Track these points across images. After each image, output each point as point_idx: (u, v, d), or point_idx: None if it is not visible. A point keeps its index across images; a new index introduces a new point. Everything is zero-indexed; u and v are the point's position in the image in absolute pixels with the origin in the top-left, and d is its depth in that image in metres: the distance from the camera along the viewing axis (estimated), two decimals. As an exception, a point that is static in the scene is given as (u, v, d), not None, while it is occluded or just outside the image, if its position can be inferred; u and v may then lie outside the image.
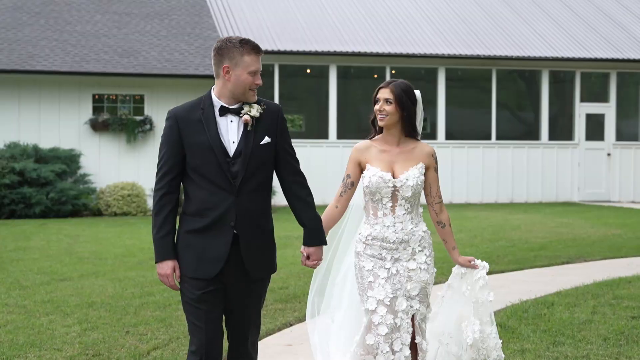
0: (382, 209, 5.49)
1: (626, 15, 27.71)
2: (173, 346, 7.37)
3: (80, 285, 10.32)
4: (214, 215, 4.82)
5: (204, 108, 4.89)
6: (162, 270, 4.88)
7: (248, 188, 4.85)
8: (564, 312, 8.71)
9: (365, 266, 5.50)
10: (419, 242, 5.50)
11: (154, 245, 4.93)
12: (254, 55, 4.88)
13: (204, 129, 4.85)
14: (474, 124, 24.95)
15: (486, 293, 5.58)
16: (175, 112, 4.94)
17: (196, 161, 4.84)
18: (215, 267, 4.83)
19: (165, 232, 4.86)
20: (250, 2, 25.80)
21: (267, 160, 4.92)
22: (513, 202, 24.47)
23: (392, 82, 5.54)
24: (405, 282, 5.45)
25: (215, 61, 4.92)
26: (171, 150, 4.88)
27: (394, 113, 5.47)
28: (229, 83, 4.87)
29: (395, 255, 5.47)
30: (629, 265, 12.18)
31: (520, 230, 16.53)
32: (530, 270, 11.93)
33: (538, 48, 24.88)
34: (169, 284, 4.91)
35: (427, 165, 5.54)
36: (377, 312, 5.40)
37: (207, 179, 4.83)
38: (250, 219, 4.87)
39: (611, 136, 25.22)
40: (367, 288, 5.46)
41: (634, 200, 25.20)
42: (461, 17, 26.34)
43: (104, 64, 21.08)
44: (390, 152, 5.53)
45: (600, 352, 7.17)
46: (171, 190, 4.89)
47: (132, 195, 20.51)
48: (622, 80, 25.56)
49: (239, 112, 4.90)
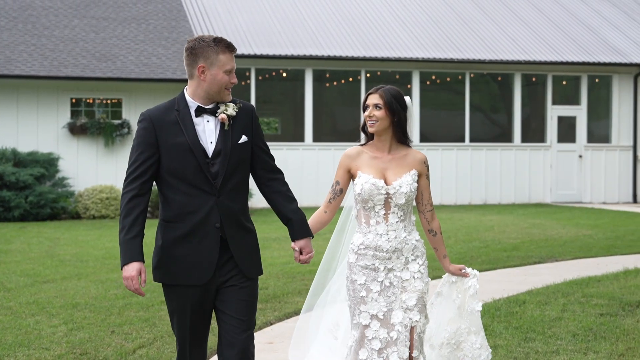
0: (375, 217, 5.34)
1: (596, 18, 28.15)
2: (158, 344, 7.61)
3: (64, 287, 10.51)
4: (196, 218, 4.72)
5: (179, 109, 4.79)
6: (127, 273, 4.66)
7: (228, 188, 4.77)
8: (535, 310, 9.01)
9: (357, 280, 5.35)
10: (412, 251, 5.38)
11: (121, 247, 4.71)
12: (229, 53, 4.82)
13: (182, 130, 4.74)
14: (448, 126, 25.28)
15: (474, 302, 5.50)
16: (149, 114, 4.80)
17: (174, 164, 4.73)
18: (208, 272, 4.75)
19: (134, 234, 4.69)
20: (227, 7, 26.01)
21: (245, 158, 4.85)
22: (486, 203, 24.81)
23: (381, 88, 5.41)
24: (400, 293, 5.32)
25: (188, 61, 4.82)
26: (146, 153, 4.74)
27: (384, 119, 5.33)
28: (204, 83, 4.79)
29: (388, 265, 5.33)
30: (598, 265, 12.52)
31: (493, 231, 16.85)
32: (503, 270, 12.24)
33: (510, 51, 25.25)
34: (133, 288, 4.68)
35: (419, 172, 5.41)
36: (371, 326, 5.27)
37: (186, 181, 4.73)
38: (234, 218, 4.79)
39: (582, 138, 25.62)
40: (359, 302, 5.32)
41: (604, 201, 25.61)
42: (435, 21, 26.67)
43: (82, 68, 21.24)
44: (381, 159, 5.39)
45: (569, 347, 7.47)
46: (142, 192, 4.74)
47: (110, 199, 20.66)
48: (592, 83, 25.98)
49: (214, 111, 4.82)
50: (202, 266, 4.74)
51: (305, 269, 11.67)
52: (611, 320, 8.50)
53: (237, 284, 4.81)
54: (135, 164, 4.74)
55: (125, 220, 4.69)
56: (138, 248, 4.69)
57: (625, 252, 13.97)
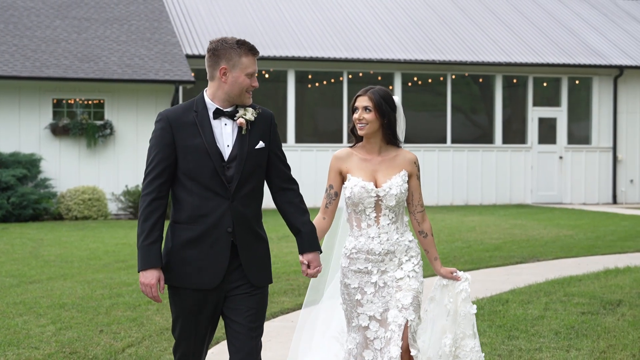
0: (366, 220, 5.28)
1: (577, 21, 28.38)
2: (147, 343, 7.68)
3: (50, 287, 10.55)
4: (209, 221, 4.66)
5: (197, 110, 4.72)
6: (146, 280, 4.64)
7: (242, 193, 4.70)
8: (518, 309, 9.13)
9: (351, 284, 5.30)
10: (406, 252, 5.32)
11: (139, 252, 4.66)
12: (252, 56, 4.75)
13: (199, 132, 4.68)
14: (430, 127, 25.43)
15: (468, 306, 5.42)
16: (167, 114, 4.74)
17: (189, 165, 4.66)
18: (217, 277, 4.68)
19: (153, 239, 4.64)
20: (209, 8, 26.07)
21: (261, 165, 4.78)
22: (468, 204, 24.97)
23: (370, 89, 5.34)
24: (394, 292, 5.27)
25: (210, 62, 4.74)
26: (162, 154, 4.68)
27: (374, 121, 5.26)
28: (225, 85, 4.72)
29: (381, 268, 5.28)
30: (579, 265, 12.67)
31: (475, 231, 16.99)
32: (485, 269, 12.38)
33: (492, 53, 25.43)
34: (152, 295, 4.66)
35: (409, 172, 5.34)
36: (370, 327, 5.25)
37: (201, 183, 4.66)
38: (246, 224, 4.72)
39: (563, 139, 25.83)
40: (355, 305, 5.29)
41: (585, 202, 25.83)
42: (416, 23, 26.82)
43: (64, 69, 21.24)
44: (371, 161, 5.32)
45: (552, 345, 7.60)
46: (160, 195, 4.68)
47: (92, 200, 20.67)
48: (573, 85, 26.20)
49: (233, 115, 4.75)
50: (211, 270, 4.68)
51: (291, 269, 11.76)
52: (592, 318, 8.63)
53: (247, 292, 4.74)
54: (152, 164, 4.69)
55: (145, 224, 4.64)
56: (157, 254, 4.64)
57: (605, 252, 14.14)
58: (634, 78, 26.18)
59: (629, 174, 26.18)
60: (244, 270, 4.72)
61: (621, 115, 26.11)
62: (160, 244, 4.68)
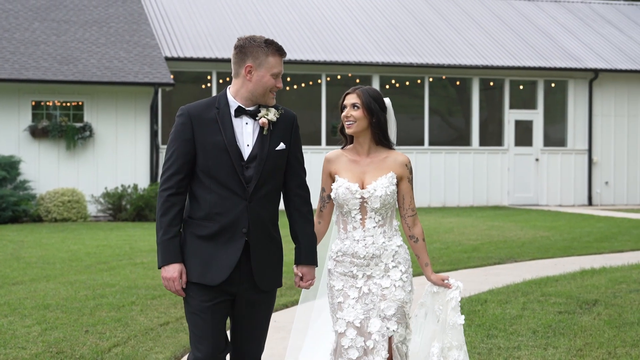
0: (352, 222, 5.15)
1: (553, 25, 28.67)
2: (132, 343, 7.78)
3: (33, 289, 10.62)
4: (225, 220, 4.62)
5: (219, 107, 4.68)
6: (168, 274, 4.62)
7: (260, 194, 4.66)
8: (496, 308, 9.30)
9: (335, 285, 5.17)
10: (393, 257, 5.15)
11: (159, 247, 4.64)
12: (278, 56, 4.71)
13: (220, 129, 4.63)
14: (407, 130, 25.61)
15: (456, 316, 5.26)
16: (188, 109, 4.69)
17: (208, 162, 4.62)
18: (223, 274, 4.62)
19: (173, 234, 4.62)
20: (188, 10, 26.14)
21: (280, 166, 4.73)
22: (445, 206, 25.17)
23: (360, 88, 5.20)
24: (378, 301, 5.11)
25: (236, 59, 4.70)
26: (182, 149, 4.63)
27: (362, 119, 5.12)
28: (249, 83, 4.68)
29: (367, 272, 5.14)
30: (556, 265, 12.87)
31: (453, 232, 17.18)
32: (464, 270, 12.56)
33: (469, 56, 25.65)
34: (175, 289, 4.65)
35: (400, 175, 5.18)
36: (347, 334, 5.07)
37: (219, 181, 4.62)
38: (262, 226, 4.68)
39: (539, 142, 26.09)
40: (336, 309, 5.14)
41: (561, 204, 26.10)
42: (394, 26, 27.01)
43: (43, 71, 21.26)
44: (360, 162, 5.18)
45: (530, 343, 7.77)
46: (179, 191, 4.64)
47: (72, 201, 20.69)
48: (549, 88, 26.47)
49: (255, 114, 4.70)
50: (219, 267, 4.63)
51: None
52: (569, 317, 8.81)
53: (255, 295, 4.73)
54: (171, 159, 4.65)
55: (163, 219, 4.61)
56: (177, 249, 4.62)
57: (581, 253, 14.36)
58: (609, 81, 26.49)
59: (604, 176, 26.48)
60: (252, 274, 4.68)
61: (596, 118, 26.40)
62: (179, 239, 4.65)
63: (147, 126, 22.07)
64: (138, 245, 15.19)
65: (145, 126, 22.07)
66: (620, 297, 9.89)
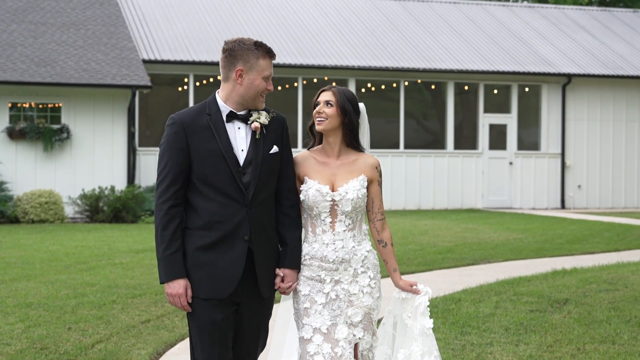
0: (321, 226, 4.96)
1: (527, 30, 29.02)
2: (115, 340, 7.95)
3: (14, 288, 10.74)
4: (226, 228, 4.53)
5: (210, 114, 4.58)
6: (173, 290, 4.50)
7: (259, 199, 4.60)
8: (470, 307, 9.53)
9: (301, 290, 4.96)
10: (362, 263, 4.99)
11: (161, 263, 4.52)
12: (269, 59, 4.64)
13: (214, 136, 4.54)
14: (383, 133, 25.84)
15: (425, 320, 5.06)
16: (180, 118, 4.58)
17: (205, 170, 4.52)
18: (230, 286, 4.54)
19: (175, 248, 4.50)
20: (165, 13, 26.27)
21: (275, 170, 4.68)
22: (420, 209, 25.40)
23: (336, 87, 5.06)
24: (345, 307, 4.95)
25: (225, 63, 4.60)
26: (176, 159, 4.52)
27: (334, 117, 4.96)
28: (240, 87, 4.60)
29: (335, 277, 4.96)
30: (528, 266, 13.15)
31: (428, 234, 17.42)
32: (439, 270, 12.79)
33: (444, 61, 25.93)
34: (181, 305, 4.53)
35: (370, 178, 5.02)
36: (313, 341, 4.90)
37: (217, 189, 4.53)
38: (264, 232, 4.63)
39: (513, 146, 26.39)
40: (302, 315, 4.95)
41: (534, 207, 26.41)
42: (370, 30, 27.25)
43: (21, 73, 21.33)
44: (330, 164, 5.01)
45: (502, 339, 8.00)
46: (178, 202, 4.53)
47: (49, 203, 20.76)
48: (522, 92, 26.80)
49: (246, 119, 4.63)
50: (224, 279, 4.54)
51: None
52: (540, 315, 9.06)
53: (255, 302, 4.68)
54: (166, 170, 4.54)
55: (164, 233, 4.50)
56: (180, 263, 4.51)
57: (553, 255, 14.66)
58: (582, 86, 26.85)
59: (577, 180, 26.83)
60: (256, 280, 4.63)
61: (569, 123, 26.74)
62: (181, 253, 4.54)
63: (124, 128, 22.18)
64: (116, 246, 15.32)
65: (123, 128, 22.18)
66: (590, 296, 10.16)
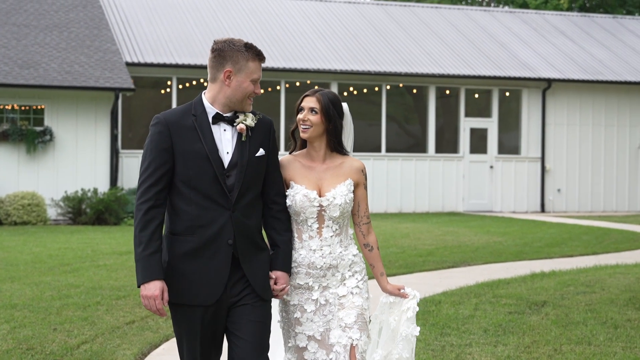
0: (308, 231, 4.85)
1: (508, 35, 29.26)
2: (100, 340, 8.05)
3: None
4: (208, 233, 4.42)
5: (196, 114, 4.49)
6: (149, 292, 4.33)
7: (244, 203, 4.49)
8: (449, 309, 9.69)
9: (290, 300, 4.87)
10: (349, 267, 4.91)
11: (139, 264, 4.38)
12: (258, 61, 4.53)
13: (199, 137, 4.44)
14: (365, 136, 26.00)
15: (412, 327, 4.97)
16: (165, 117, 4.48)
17: (189, 172, 4.42)
18: (216, 292, 4.44)
19: (153, 249, 4.35)
20: (148, 16, 26.35)
21: (261, 173, 4.59)
22: (402, 212, 25.58)
23: (319, 91, 4.94)
24: (337, 310, 4.86)
25: (214, 63, 4.51)
26: (160, 159, 4.42)
27: (319, 124, 4.86)
28: (227, 89, 4.49)
29: (323, 283, 4.86)
30: (507, 269, 13.32)
31: (409, 237, 17.58)
32: (419, 273, 12.95)
33: (425, 65, 26.12)
34: (155, 309, 4.37)
35: (356, 181, 4.94)
36: (308, 349, 4.84)
37: (200, 192, 4.43)
38: (248, 236, 4.51)
39: (493, 149, 26.61)
40: (294, 324, 4.87)
41: (514, 210, 26.63)
42: (352, 34, 27.42)
43: (4, 75, 21.36)
44: (316, 169, 4.91)
45: (481, 341, 8.16)
46: (158, 203, 4.41)
47: (32, 205, 20.80)
48: (503, 97, 27.03)
49: (232, 121, 4.53)
50: (210, 285, 4.44)
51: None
52: (519, 317, 9.22)
53: (249, 303, 4.52)
54: (148, 170, 4.42)
55: (143, 234, 4.36)
56: (158, 265, 4.37)
57: (532, 258, 14.86)
58: (562, 91, 27.10)
59: (557, 184, 27.08)
60: (246, 282, 4.52)
61: (549, 127, 26.99)
62: (160, 255, 4.41)
63: (107, 131, 22.24)
64: (99, 248, 15.40)
65: (106, 131, 22.24)
66: (567, 298, 10.33)
